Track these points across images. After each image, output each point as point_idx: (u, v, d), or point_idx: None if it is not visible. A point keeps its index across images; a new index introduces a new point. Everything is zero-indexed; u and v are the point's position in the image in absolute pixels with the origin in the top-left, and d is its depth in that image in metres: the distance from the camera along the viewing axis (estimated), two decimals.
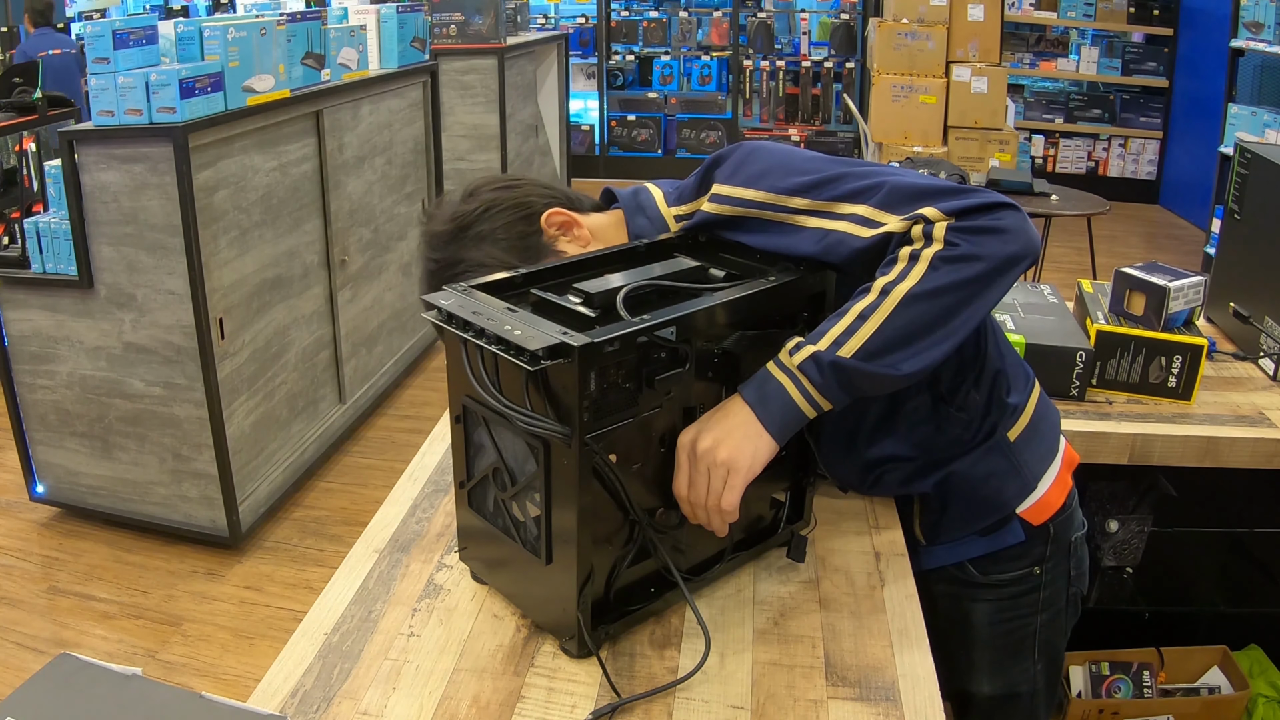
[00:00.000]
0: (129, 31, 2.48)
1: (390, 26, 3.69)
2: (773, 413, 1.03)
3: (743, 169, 1.15)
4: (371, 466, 3.41)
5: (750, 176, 1.14)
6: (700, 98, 7.45)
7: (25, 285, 2.74)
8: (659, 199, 1.26)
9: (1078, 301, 1.90)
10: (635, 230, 1.25)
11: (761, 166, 1.14)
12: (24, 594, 2.73)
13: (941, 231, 1.02)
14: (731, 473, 1.02)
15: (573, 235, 1.23)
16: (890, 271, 1.04)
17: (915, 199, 1.05)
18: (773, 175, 1.13)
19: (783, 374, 1.04)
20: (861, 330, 1.02)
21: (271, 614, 2.64)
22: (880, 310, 1.02)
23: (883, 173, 1.10)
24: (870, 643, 1.08)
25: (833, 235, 1.08)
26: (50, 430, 2.91)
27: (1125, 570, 2.03)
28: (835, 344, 1.02)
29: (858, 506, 1.34)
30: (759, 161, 1.15)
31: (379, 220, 3.71)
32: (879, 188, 1.07)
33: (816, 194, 1.10)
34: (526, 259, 1.19)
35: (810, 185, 1.10)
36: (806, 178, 1.11)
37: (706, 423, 1.05)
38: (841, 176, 1.10)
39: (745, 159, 1.16)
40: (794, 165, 1.13)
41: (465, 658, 1.05)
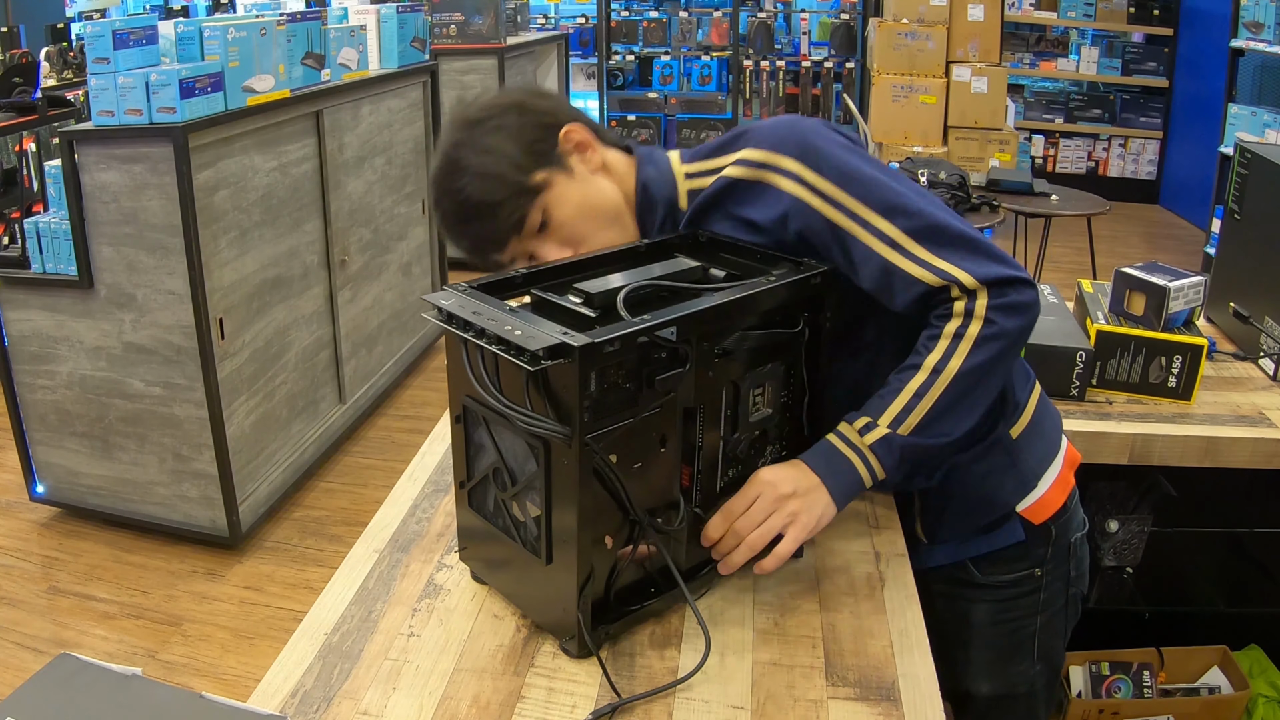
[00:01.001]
0: (129, 31, 2.47)
1: (390, 26, 3.69)
2: (840, 485, 1.11)
3: (811, 153, 1.13)
4: (371, 466, 3.41)
5: (832, 168, 1.12)
6: (700, 98, 7.45)
7: (25, 285, 2.74)
8: (673, 156, 1.27)
9: (1078, 301, 1.90)
10: (643, 178, 1.24)
11: (847, 164, 1.12)
12: (24, 594, 2.73)
13: (982, 309, 1.09)
14: (794, 525, 1.09)
15: (586, 157, 1.22)
16: (935, 349, 1.11)
17: (954, 245, 1.10)
18: (866, 182, 1.12)
19: (852, 451, 1.12)
20: (918, 408, 1.10)
21: (271, 614, 2.64)
22: (934, 389, 1.10)
23: (925, 202, 1.12)
24: (870, 643, 1.08)
25: (897, 272, 1.11)
26: (50, 430, 2.91)
27: (1125, 570, 2.03)
28: (897, 421, 1.11)
29: (858, 506, 1.34)
30: (836, 155, 1.13)
31: (379, 220, 3.71)
32: (922, 216, 1.11)
33: (907, 223, 1.11)
34: (535, 163, 1.18)
35: (902, 211, 1.11)
36: (905, 202, 1.11)
37: (786, 471, 1.11)
38: (923, 213, 1.11)
39: (804, 140, 1.13)
40: (885, 181, 1.13)
41: (465, 658, 1.05)
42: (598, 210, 1.22)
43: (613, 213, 1.23)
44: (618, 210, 1.23)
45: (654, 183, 1.23)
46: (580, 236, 1.21)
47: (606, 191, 1.23)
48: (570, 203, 1.19)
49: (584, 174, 1.21)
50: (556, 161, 1.20)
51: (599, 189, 1.22)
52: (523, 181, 1.17)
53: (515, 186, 1.17)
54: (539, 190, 1.18)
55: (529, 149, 1.19)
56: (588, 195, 1.21)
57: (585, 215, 1.21)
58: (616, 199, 1.23)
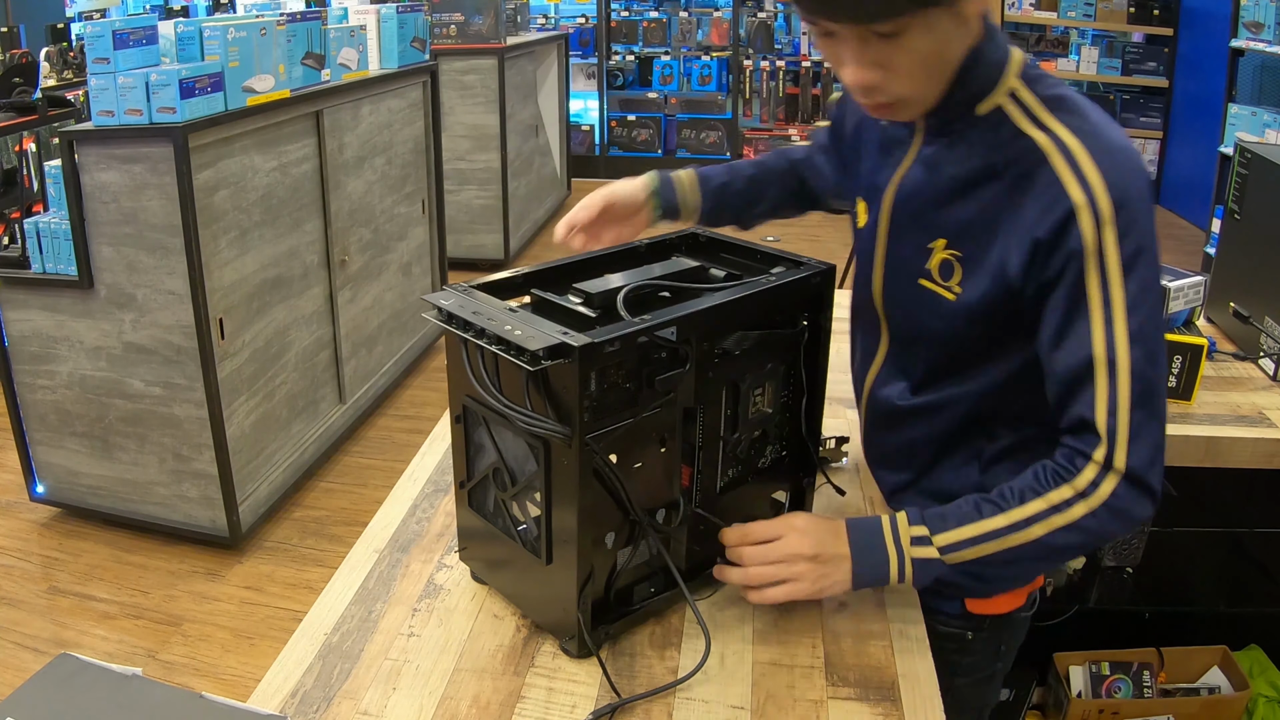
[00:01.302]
0: (129, 31, 2.48)
1: (390, 26, 3.69)
2: (866, 572, 1.06)
3: (1130, 210, 0.97)
4: (371, 466, 3.41)
5: (1134, 246, 0.98)
6: (700, 98, 7.45)
7: (25, 285, 2.74)
8: (1016, 56, 1.06)
9: None
10: (981, 52, 1.02)
11: (1147, 251, 0.99)
12: (24, 594, 2.73)
13: (1103, 495, 1.00)
14: (797, 584, 1.05)
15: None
16: (1030, 504, 1.02)
17: (1146, 418, 1.00)
18: (1146, 287, 0.99)
19: (894, 551, 1.05)
20: (977, 550, 1.03)
21: (271, 614, 2.64)
22: (1002, 542, 1.03)
23: (1162, 354, 1.02)
24: (870, 643, 1.08)
25: (1088, 386, 1.00)
26: (50, 430, 2.91)
27: (1125, 570, 2.04)
28: (951, 549, 1.04)
29: (857, 506, 1.34)
30: (1145, 235, 0.99)
31: (379, 220, 3.71)
32: (1153, 367, 1.00)
33: (1138, 362, 0.99)
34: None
35: (1146, 348, 0.99)
36: (1155, 345, 1.00)
37: (821, 530, 1.07)
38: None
39: (1136, 189, 0.98)
40: (1157, 301, 1.02)
41: (465, 658, 1.05)
42: (945, 59, 1.00)
43: (950, 70, 1.02)
44: (951, 70, 1.02)
45: (985, 63, 1.02)
46: (918, 74, 0.99)
47: (962, 44, 1.01)
48: (935, 36, 0.96)
49: (965, 15, 0.98)
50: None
51: (959, 39, 1.00)
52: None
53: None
54: (946, 3, 0.94)
55: None
56: (951, 39, 0.99)
57: (935, 59, 0.99)
58: (959, 57, 1.01)
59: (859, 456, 1.47)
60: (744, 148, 7.42)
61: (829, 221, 6.39)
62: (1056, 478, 1.02)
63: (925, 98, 1.03)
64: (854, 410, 1.58)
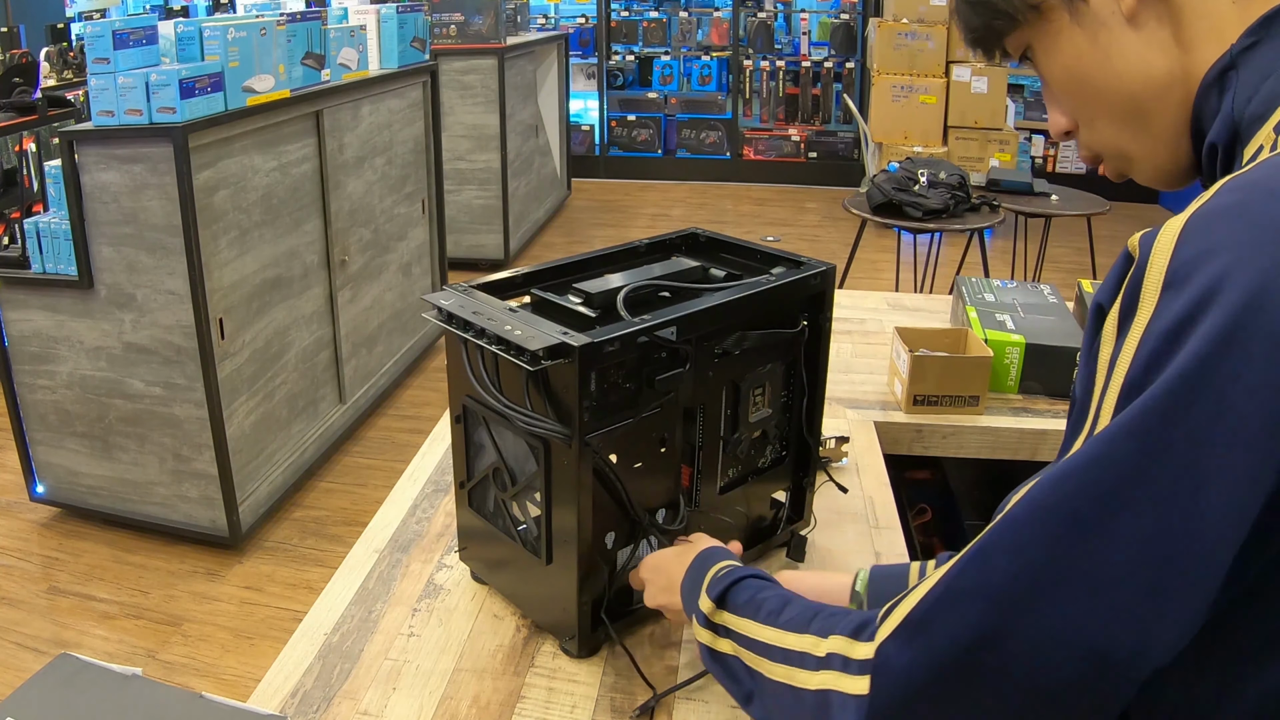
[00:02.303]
0: (129, 31, 2.47)
1: (390, 26, 3.69)
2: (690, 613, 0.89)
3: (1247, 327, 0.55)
4: (371, 466, 3.41)
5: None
6: (700, 98, 7.45)
7: (25, 285, 2.74)
8: None
9: (1078, 301, 1.90)
10: (1231, 66, 0.68)
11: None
12: (24, 594, 2.73)
13: (869, 652, 0.64)
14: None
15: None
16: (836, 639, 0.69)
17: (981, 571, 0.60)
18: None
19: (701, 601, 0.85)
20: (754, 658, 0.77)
21: (271, 614, 2.64)
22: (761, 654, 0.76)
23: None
24: None
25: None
26: (50, 430, 2.91)
27: None
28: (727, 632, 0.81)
29: (857, 506, 1.34)
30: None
31: (379, 220, 3.71)
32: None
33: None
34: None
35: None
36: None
37: (665, 570, 0.98)
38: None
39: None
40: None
41: (465, 658, 1.05)
42: (1093, 88, 0.73)
43: (1123, 103, 0.72)
44: (1133, 103, 0.72)
45: (1245, 84, 0.66)
46: (1074, 110, 0.77)
47: (1126, 63, 0.71)
48: (1060, 58, 0.74)
49: (1102, 17, 0.71)
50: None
51: (1114, 55, 0.71)
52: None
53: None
54: (1028, 9, 0.74)
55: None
56: (1086, 58, 0.73)
57: (1076, 87, 0.75)
58: (1137, 83, 0.71)
59: (859, 456, 1.47)
60: (744, 148, 7.42)
61: (829, 221, 6.40)
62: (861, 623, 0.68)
63: (1127, 145, 0.74)
64: (854, 410, 1.59)
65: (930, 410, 1.60)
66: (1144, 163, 0.75)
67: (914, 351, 1.60)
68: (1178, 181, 0.74)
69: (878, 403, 1.65)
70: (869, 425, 1.57)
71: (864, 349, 1.88)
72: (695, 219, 6.33)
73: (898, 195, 3.58)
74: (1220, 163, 0.68)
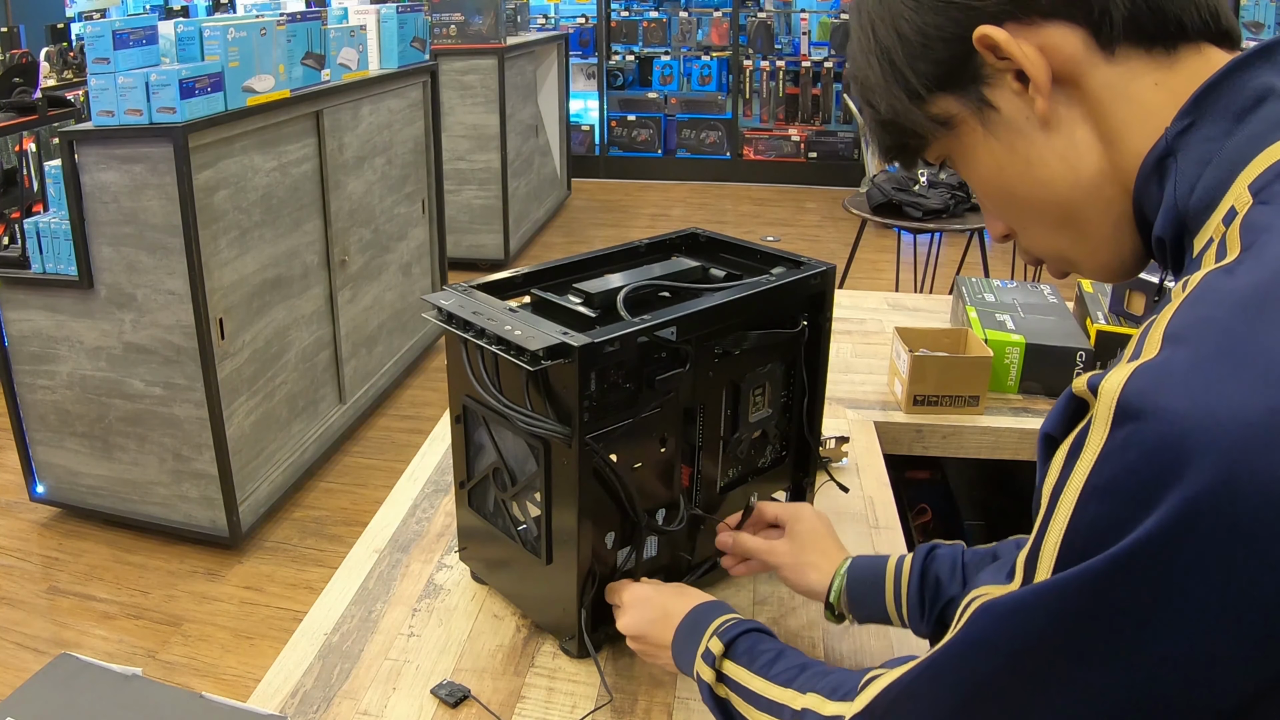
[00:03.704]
0: (129, 31, 2.47)
1: (390, 26, 3.69)
2: (683, 667, 0.93)
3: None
4: (371, 466, 3.41)
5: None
6: (700, 98, 7.45)
7: (25, 285, 2.74)
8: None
9: (1078, 301, 1.90)
10: (1169, 153, 0.62)
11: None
12: (24, 594, 2.73)
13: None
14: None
15: (1024, 95, 0.65)
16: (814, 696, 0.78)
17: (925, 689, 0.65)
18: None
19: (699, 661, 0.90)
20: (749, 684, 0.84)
21: (271, 614, 2.64)
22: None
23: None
24: (870, 643, 1.08)
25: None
26: (50, 430, 2.91)
27: None
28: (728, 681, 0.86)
29: (857, 506, 1.34)
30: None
31: (379, 220, 3.71)
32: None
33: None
34: (938, 82, 0.68)
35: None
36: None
37: (652, 616, 0.98)
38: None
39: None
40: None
41: (465, 658, 1.05)
42: (1020, 198, 0.69)
43: (1054, 210, 0.68)
44: (1064, 209, 0.68)
45: (1184, 175, 0.61)
46: (1005, 218, 0.73)
47: (1049, 170, 0.66)
48: (980, 170, 0.70)
49: (1017, 124, 0.66)
50: (972, 86, 0.67)
51: (1035, 163, 0.66)
52: (911, 110, 0.70)
53: (900, 111, 0.70)
54: (937, 126, 0.70)
55: (925, 52, 0.67)
56: (1007, 169, 0.68)
57: (1002, 198, 0.71)
58: (1065, 187, 0.66)
59: (859, 456, 1.47)
60: (744, 148, 7.42)
61: (829, 221, 6.40)
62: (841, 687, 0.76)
63: (1065, 249, 0.71)
64: (854, 410, 1.59)
65: (930, 410, 1.60)
66: (1087, 263, 0.71)
67: (914, 351, 1.60)
68: (1126, 274, 0.70)
69: (878, 403, 1.65)
70: (869, 425, 1.57)
71: (864, 349, 1.88)
72: (695, 219, 6.33)
73: (898, 195, 3.58)
74: (1170, 254, 0.64)
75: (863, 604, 1.01)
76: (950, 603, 0.96)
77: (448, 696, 0.98)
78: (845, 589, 1.02)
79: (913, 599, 0.98)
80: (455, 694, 0.99)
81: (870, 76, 0.71)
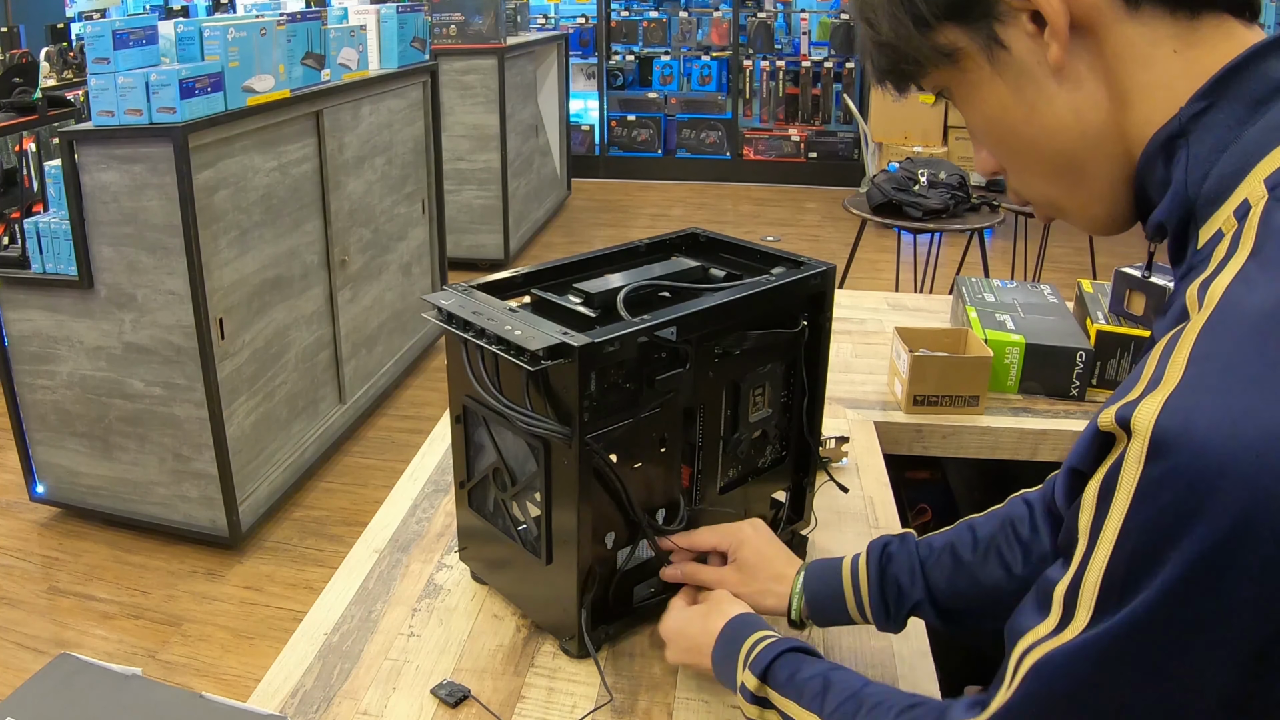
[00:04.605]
0: (129, 31, 2.47)
1: (390, 26, 3.69)
2: (726, 682, 0.92)
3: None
4: (371, 466, 3.41)
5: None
6: (700, 98, 7.45)
7: (25, 285, 2.74)
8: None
9: (1078, 301, 1.90)
10: (1184, 130, 0.61)
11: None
12: (24, 594, 2.73)
13: None
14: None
15: (1038, 38, 0.63)
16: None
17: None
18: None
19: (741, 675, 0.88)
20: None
21: (271, 614, 2.64)
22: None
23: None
24: (870, 643, 1.08)
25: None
26: (50, 430, 2.91)
27: None
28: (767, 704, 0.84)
29: (857, 506, 1.34)
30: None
31: (379, 220, 3.71)
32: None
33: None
34: (948, 11, 0.66)
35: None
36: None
37: (692, 632, 0.97)
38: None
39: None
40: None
41: (465, 658, 1.05)
42: (1020, 141, 0.68)
43: (1052, 158, 0.67)
44: (1063, 158, 0.67)
45: (1195, 157, 0.60)
46: (1000, 157, 0.72)
47: (1055, 118, 0.65)
48: (982, 108, 0.69)
49: (1027, 67, 0.64)
50: (984, 21, 0.65)
51: (1042, 109, 0.65)
52: (915, 36, 0.67)
53: (903, 35, 0.68)
54: (940, 57, 0.68)
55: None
56: (1011, 111, 0.67)
57: (1000, 138, 0.69)
58: (1068, 138, 0.65)
59: (859, 456, 1.47)
60: (744, 148, 7.42)
61: (829, 221, 6.40)
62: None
63: (1058, 198, 0.70)
64: (854, 410, 1.59)
65: (930, 410, 1.60)
66: (1077, 214, 0.70)
67: (914, 351, 1.60)
68: (1114, 229, 0.70)
69: (878, 403, 1.65)
70: (869, 425, 1.57)
71: (864, 349, 1.88)
72: (695, 219, 6.33)
73: (898, 195, 3.58)
74: (1172, 239, 0.63)
75: (824, 612, 1.00)
76: (918, 605, 0.96)
77: (448, 696, 0.98)
78: (804, 604, 1.01)
79: (874, 602, 0.97)
80: (455, 694, 0.99)
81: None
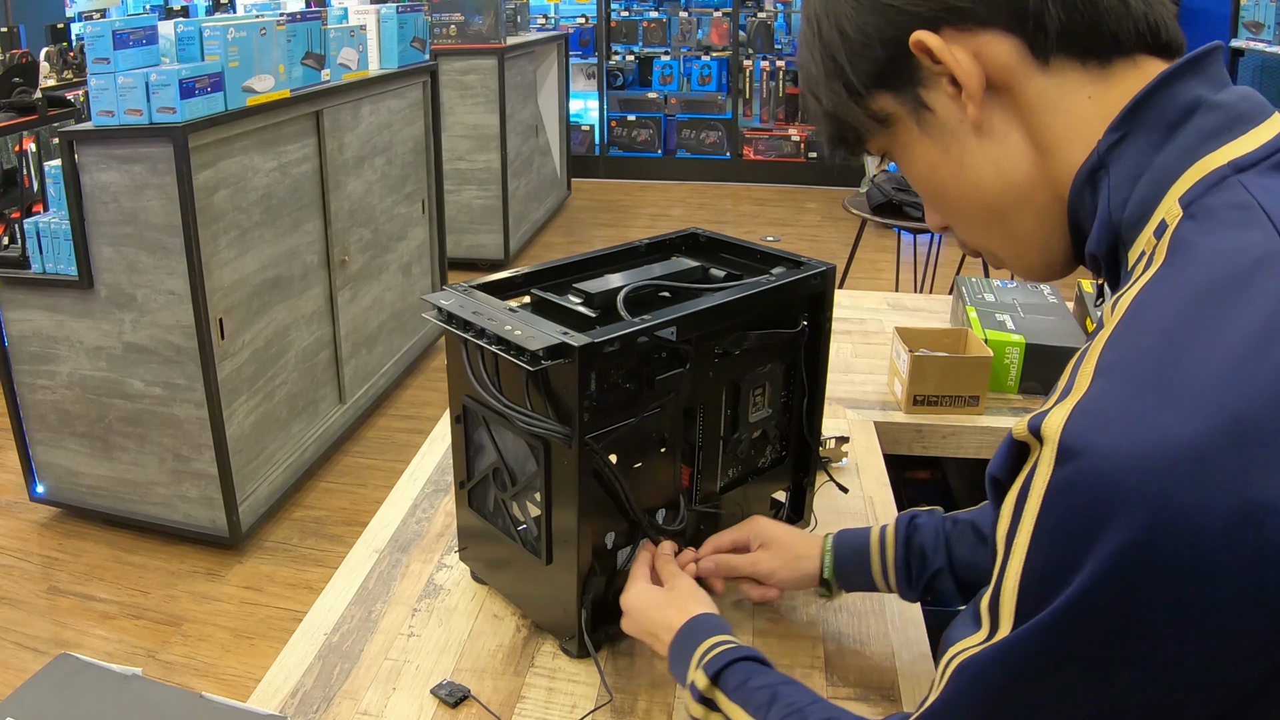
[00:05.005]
0: (129, 31, 2.47)
1: (390, 26, 3.69)
2: (677, 675, 0.93)
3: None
4: (371, 466, 3.41)
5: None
6: (700, 98, 7.45)
7: (25, 285, 2.74)
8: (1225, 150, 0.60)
9: (1077, 301, 1.90)
10: (1098, 169, 0.64)
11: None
12: (24, 594, 2.73)
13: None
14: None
15: (956, 98, 0.66)
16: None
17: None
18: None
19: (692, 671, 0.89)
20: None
21: (271, 614, 2.64)
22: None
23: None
24: (870, 643, 1.08)
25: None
26: (50, 430, 2.91)
27: None
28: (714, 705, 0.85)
29: (857, 506, 1.34)
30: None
31: (379, 220, 3.71)
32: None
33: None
34: (876, 80, 0.69)
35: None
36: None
37: (653, 616, 0.97)
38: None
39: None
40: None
41: (465, 658, 1.05)
42: (952, 196, 0.72)
43: (983, 211, 0.71)
44: (993, 211, 0.70)
45: (1115, 188, 0.63)
46: (940, 213, 0.75)
47: (980, 173, 0.68)
48: (916, 167, 0.72)
49: (950, 127, 0.68)
50: (909, 87, 0.68)
51: (968, 165, 0.68)
52: (850, 105, 0.71)
53: (840, 106, 0.72)
54: (874, 123, 0.71)
55: (864, 51, 0.68)
56: (941, 169, 0.70)
57: (936, 195, 0.73)
58: (994, 191, 0.68)
59: (859, 456, 1.47)
60: (744, 148, 7.42)
61: (829, 221, 6.40)
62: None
63: (995, 247, 0.74)
64: (854, 410, 1.59)
65: (930, 410, 1.60)
66: (1015, 262, 0.74)
67: (914, 351, 1.60)
68: (1052, 275, 0.73)
69: (878, 403, 1.65)
70: (869, 425, 1.57)
71: (864, 349, 1.88)
72: (695, 219, 6.33)
73: (898, 195, 3.58)
74: (1106, 267, 0.66)
75: (852, 575, 1.06)
76: (939, 573, 1.00)
77: (448, 696, 0.98)
78: (834, 563, 1.06)
79: (899, 569, 1.03)
80: (455, 694, 0.99)
81: (814, 70, 0.73)
